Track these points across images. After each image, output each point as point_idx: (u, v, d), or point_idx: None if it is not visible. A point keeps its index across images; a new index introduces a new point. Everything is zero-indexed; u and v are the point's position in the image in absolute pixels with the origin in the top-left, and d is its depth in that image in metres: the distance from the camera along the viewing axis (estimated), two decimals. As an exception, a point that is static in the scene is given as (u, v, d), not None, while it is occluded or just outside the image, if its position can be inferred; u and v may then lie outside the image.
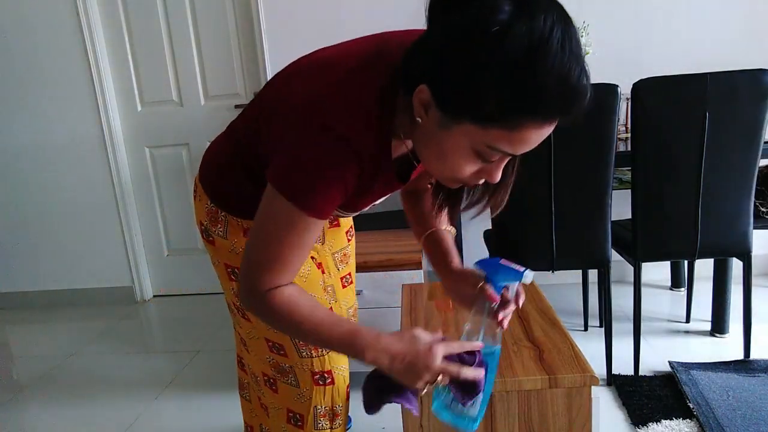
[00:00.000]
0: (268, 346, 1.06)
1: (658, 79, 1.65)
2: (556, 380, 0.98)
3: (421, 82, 0.70)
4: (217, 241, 1.03)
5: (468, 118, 0.68)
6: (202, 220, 1.05)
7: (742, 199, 1.74)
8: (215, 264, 1.07)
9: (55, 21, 2.82)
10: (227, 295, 1.10)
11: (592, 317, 2.37)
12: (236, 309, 1.08)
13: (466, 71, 0.65)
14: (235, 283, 1.03)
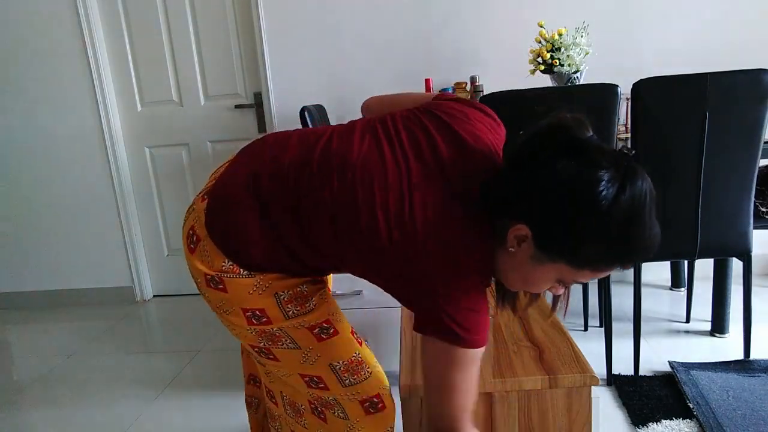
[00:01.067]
0: (305, 382, 1.01)
1: (658, 79, 1.65)
2: (556, 380, 0.98)
3: (519, 220, 0.78)
4: (233, 285, 0.95)
5: (564, 261, 0.78)
6: (207, 271, 0.95)
7: (742, 199, 1.74)
8: (224, 312, 0.98)
9: (55, 21, 2.82)
10: (244, 340, 1.02)
11: (592, 317, 2.37)
12: (257, 352, 1.02)
13: (572, 226, 0.75)
14: (256, 326, 0.97)
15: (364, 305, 1.88)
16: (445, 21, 2.64)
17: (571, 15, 2.57)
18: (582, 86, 1.66)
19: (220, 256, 0.94)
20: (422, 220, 0.80)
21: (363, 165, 0.86)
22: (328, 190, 0.86)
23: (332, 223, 0.86)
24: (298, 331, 0.98)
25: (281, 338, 0.98)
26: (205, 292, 0.99)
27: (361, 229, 0.83)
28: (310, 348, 0.99)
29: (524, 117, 1.66)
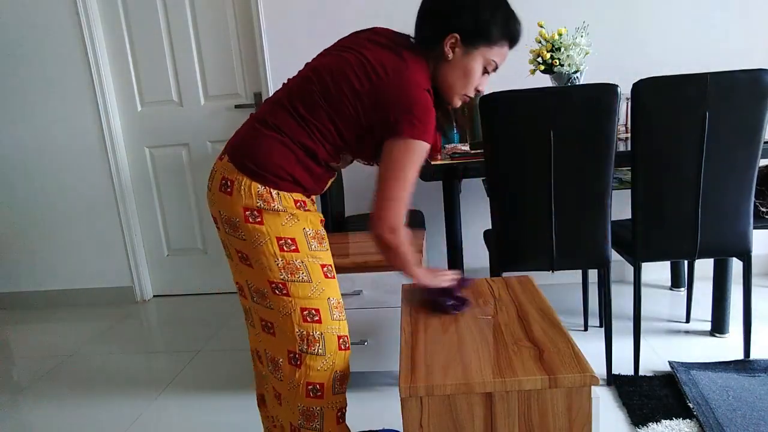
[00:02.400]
0: (302, 316, 1.20)
1: (658, 79, 1.66)
2: (556, 380, 0.98)
3: (447, 33, 1.18)
4: (270, 218, 1.18)
5: (482, 43, 1.20)
6: (247, 206, 1.17)
7: (742, 199, 1.74)
8: (258, 245, 1.18)
9: (55, 21, 2.82)
10: (269, 275, 1.19)
11: (592, 317, 2.37)
12: (271, 289, 1.20)
13: (483, 20, 1.18)
14: (286, 254, 1.18)
15: (364, 305, 1.88)
16: (445, 21, 2.64)
17: (571, 15, 2.57)
18: (582, 86, 1.66)
19: (255, 184, 1.17)
20: (388, 67, 1.16)
21: (330, 64, 1.21)
22: (314, 83, 1.20)
23: (325, 100, 1.18)
24: (314, 265, 1.22)
25: (299, 270, 1.19)
26: (242, 230, 1.18)
27: (345, 93, 1.16)
28: (318, 282, 1.22)
29: (524, 117, 1.66)
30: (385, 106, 1.14)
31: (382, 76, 1.14)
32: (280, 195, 1.19)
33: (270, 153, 1.19)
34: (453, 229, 2.14)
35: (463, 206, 2.83)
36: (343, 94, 1.16)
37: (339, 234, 2.26)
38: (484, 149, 1.75)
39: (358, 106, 1.16)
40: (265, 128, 1.21)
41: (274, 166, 1.18)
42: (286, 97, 1.22)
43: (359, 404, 1.89)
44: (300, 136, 1.19)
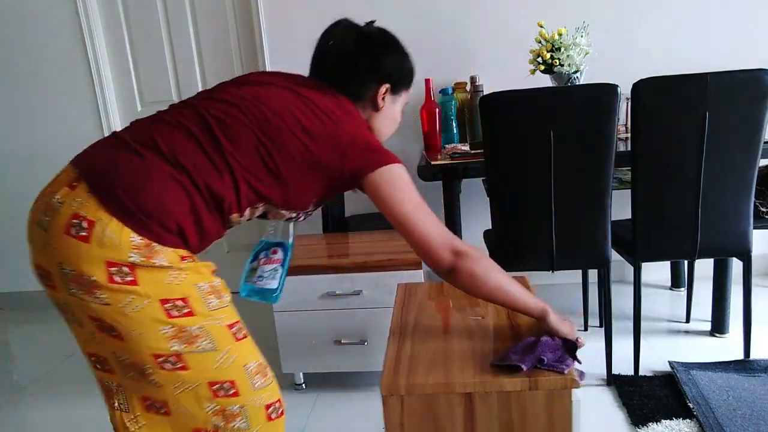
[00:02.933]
0: (212, 391, 0.95)
1: (658, 79, 1.65)
2: (536, 382, 0.98)
3: (380, 83, 1.16)
4: (148, 276, 0.90)
5: (404, 89, 1.22)
6: (113, 260, 0.88)
7: (742, 199, 1.74)
8: (131, 312, 0.89)
9: (55, 21, 2.82)
10: (152, 348, 0.91)
11: (592, 317, 2.37)
12: (158, 364, 0.92)
13: (407, 68, 1.24)
14: (178, 320, 0.92)
15: (364, 305, 1.88)
16: (445, 21, 2.64)
17: (571, 15, 2.57)
18: (582, 86, 1.66)
19: (128, 231, 0.88)
20: (335, 111, 1.06)
21: (261, 95, 1.04)
22: (242, 111, 1.00)
23: (261, 131, 0.99)
24: (218, 328, 0.96)
25: (200, 338, 0.93)
26: (103, 292, 0.88)
27: (291, 126, 1.00)
28: (227, 348, 0.96)
29: (524, 117, 1.66)
30: (337, 149, 1.02)
31: (334, 119, 1.03)
32: (161, 249, 0.91)
33: (161, 194, 0.91)
34: (453, 229, 2.14)
35: (463, 206, 2.82)
36: (289, 126, 0.99)
37: (339, 234, 2.26)
38: (484, 149, 1.75)
39: (306, 141, 1.00)
40: (155, 157, 0.92)
41: (163, 213, 0.91)
42: (194, 121, 0.97)
43: (359, 404, 1.89)
44: (206, 176, 0.94)
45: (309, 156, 1.00)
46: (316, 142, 1.00)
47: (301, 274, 1.88)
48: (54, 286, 0.92)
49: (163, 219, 0.91)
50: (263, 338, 2.62)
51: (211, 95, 1.03)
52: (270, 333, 2.54)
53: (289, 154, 0.99)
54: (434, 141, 2.31)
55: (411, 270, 1.82)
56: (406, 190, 1.04)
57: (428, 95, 2.27)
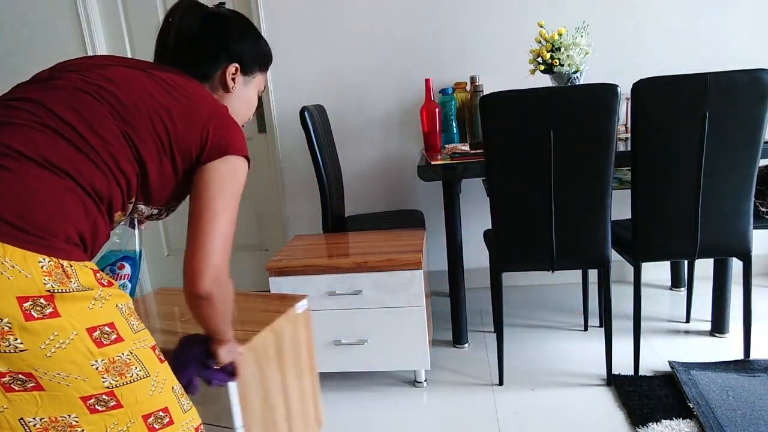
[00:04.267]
0: (147, 426, 0.86)
1: (658, 79, 1.66)
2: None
3: (227, 63, 1.09)
4: (69, 304, 0.79)
5: (259, 71, 1.18)
6: (26, 294, 0.75)
7: (742, 199, 1.74)
8: (55, 350, 0.77)
9: (54, 21, 2.82)
10: (83, 390, 0.79)
11: (592, 317, 2.37)
12: (88, 408, 0.81)
13: (256, 49, 1.17)
14: (108, 348, 0.81)
15: (364, 305, 1.88)
16: (445, 21, 2.64)
17: (571, 15, 2.57)
18: (582, 86, 1.66)
19: (35, 256, 0.76)
20: (188, 87, 0.99)
21: (114, 76, 0.93)
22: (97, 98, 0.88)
23: (122, 120, 0.89)
24: (144, 351, 0.87)
25: (131, 366, 0.84)
26: (15, 338, 0.75)
27: (149, 107, 0.92)
28: (157, 371, 0.88)
29: (524, 117, 1.66)
30: (198, 123, 0.94)
31: (188, 94, 0.96)
32: (74, 267, 0.80)
33: (57, 206, 0.79)
34: (453, 229, 2.14)
35: (463, 206, 2.83)
36: (147, 108, 0.90)
37: (339, 234, 2.26)
38: (484, 149, 1.75)
39: (168, 123, 0.91)
40: (27, 165, 0.79)
41: (64, 226, 0.80)
42: (48, 117, 0.83)
43: (359, 404, 1.89)
44: (89, 175, 0.83)
45: (170, 139, 0.92)
46: (173, 119, 0.92)
47: (301, 274, 1.88)
48: None
49: (67, 232, 0.80)
50: (263, 338, 2.61)
51: (49, 85, 0.88)
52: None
53: (151, 140, 0.90)
54: (434, 141, 2.31)
55: (411, 270, 1.83)
56: (238, 194, 0.97)
57: (428, 95, 2.27)
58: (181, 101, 0.94)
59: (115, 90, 0.89)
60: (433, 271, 2.91)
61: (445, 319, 2.48)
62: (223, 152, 0.96)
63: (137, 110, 0.89)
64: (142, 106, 0.89)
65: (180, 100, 0.94)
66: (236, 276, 3.13)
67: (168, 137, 0.92)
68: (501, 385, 1.92)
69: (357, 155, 2.82)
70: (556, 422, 1.69)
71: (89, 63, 0.94)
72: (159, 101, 0.91)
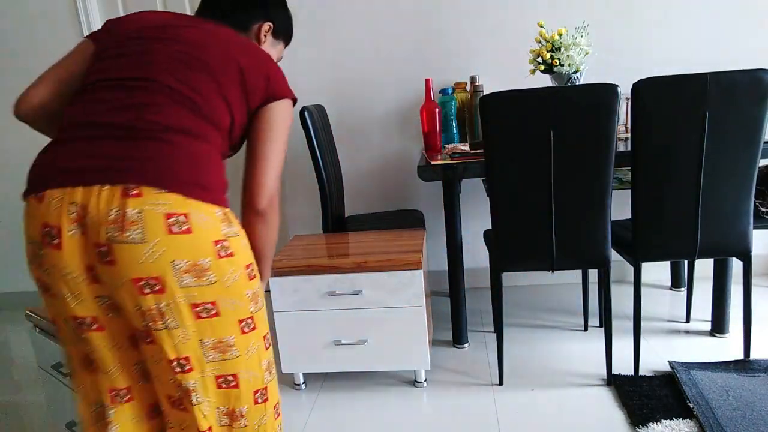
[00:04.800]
0: (264, 346, 1.09)
1: (658, 79, 1.66)
2: None
3: (262, 20, 1.24)
4: (237, 244, 1.01)
5: (283, 38, 1.32)
6: (217, 238, 0.97)
7: (742, 199, 1.74)
8: (231, 282, 0.99)
9: (54, 21, 2.82)
10: (240, 314, 1.02)
11: (592, 317, 2.37)
12: (241, 329, 1.02)
13: (289, 17, 1.32)
14: (253, 282, 1.05)
15: (364, 305, 1.88)
16: (446, 21, 2.64)
17: (571, 15, 2.57)
18: (582, 86, 1.66)
19: (213, 207, 0.98)
20: (244, 40, 1.13)
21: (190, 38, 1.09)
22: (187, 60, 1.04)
23: (211, 76, 1.05)
24: (261, 288, 1.11)
25: (258, 297, 1.07)
26: (213, 271, 0.96)
27: (228, 61, 1.06)
28: (263, 306, 1.10)
29: (524, 117, 1.67)
30: (262, 72, 1.09)
31: (250, 47, 1.10)
32: (230, 215, 1.03)
33: (214, 166, 1.01)
34: (453, 229, 2.14)
35: (463, 206, 2.83)
36: (227, 65, 1.05)
37: (339, 234, 2.26)
38: (484, 149, 1.75)
39: (244, 74, 1.06)
40: (182, 137, 0.98)
41: (218, 180, 1.01)
42: (172, 91, 1.00)
43: (359, 404, 1.89)
44: (215, 138, 1.04)
45: (246, 88, 1.07)
46: (249, 72, 1.07)
47: (301, 274, 1.88)
48: (162, 290, 0.93)
49: (221, 185, 1.01)
50: (263, 338, 2.61)
51: (145, 61, 1.03)
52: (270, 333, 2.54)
53: (235, 90, 1.05)
54: (434, 141, 2.31)
55: (411, 270, 1.83)
56: (287, 133, 1.13)
57: (428, 95, 2.28)
58: (248, 54, 1.08)
59: (201, 55, 1.03)
60: (433, 271, 2.91)
61: (445, 319, 2.48)
62: (281, 96, 1.11)
63: (222, 69, 1.04)
64: (224, 65, 1.04)
65: (247, 53, 1.08)
66: (236, 276, 3.13)
67: (245, 86, 1.06)
68: (501, 385, 1.93)
69: (357, 155, 2.82)
70: (556, 422, 1.69)
71: (160, 26, 1.08)
72: (233, 57, 1.06)
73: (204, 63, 1.03)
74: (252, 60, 1.08)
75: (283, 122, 1.11)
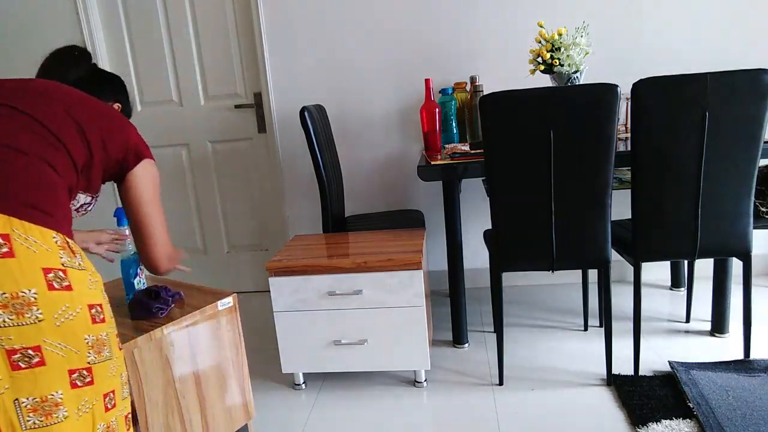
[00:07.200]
0: (104, 405, 0.92)
1: (658, 79, 1.66)
2: None
3: (114, 100, 1.39)
4: (77, 278, 0.87)
5: None
6: (48, 266, 0.83)
7: (742, 199, 1.74)
8: (63, 321, 0.84)
9: (54, 21, 2.82)
10: (72, 363, 0.85)
11: (592, 317, 2.37)
12: (71, 382, 0.86)
13: (128, 104, 1.44)
14: (97, 326, 0.89)
15: (364, 305, 1.88)
16: (445, 21, 2.64)
17: (571, 15, 2.57)
18: (582, 86, 1.66)
19: (49, 231, 0.85)
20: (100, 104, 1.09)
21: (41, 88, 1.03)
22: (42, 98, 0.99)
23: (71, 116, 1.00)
24: (113, 336, 0.95)
25: (104, 346, 0.91)
26: (39, 305, 0.81)
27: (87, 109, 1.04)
28: (116, 356, 0.95)
29: (524, 117, 1.66)
30: (125, 130, 1.08)
31: (113, 112, 1.09)
32: (73, 245, 0.89)
33: (49, 184, 0.87)
34: (453, 229, 2.14)
35: (463, 206, 2.83)
36: (88, 111, 1.02)
37: (339, 234, 2.26)
38: (484, 149, 1.75)
39: (103, 125, 1.04)
40: (22, 157, 0.87)
41: (60, 203, 0.88)
42: (21, 115, 0.91)
43: (359, 404, 1.89)
44: (59, 165, 0.92)
45: (106, 137, 1.04)
46: (109, 126, 1.05)
47: (301, 274, 1.88)
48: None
49: (63, 209, 0.89)
50: (263, 338, 2.64)
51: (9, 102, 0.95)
52: (270, 333, 2.54)
53: (93, 135, 1.01)
54: (434, 141, 2.31)
55: (411, 270, 1.83)
56: (158, 191, 1.14)
57: (428, 95, 2.28)
58: (108, 112, 1.08)
59: (56, 96, 1.00)
60: (433, 271, 2.91)
61: (445, 319, 2.48)
62: (142, 157, 1.11)
63: (81, 109, 1.02)
64: (83, 107, 1.03)
65: (107, 112, 1.08)
66: (236, 276, 3.14)
67: (105, 136, 1.04)
68: (501, 385, 1.93)
69: (357, 155, 2.82)
70: (556, 422, 1.69)
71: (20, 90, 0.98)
72: (99, 111, 1.06)
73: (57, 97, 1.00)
74: (111, 116, 1.10)
75: (154, 186, 1.14)
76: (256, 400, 1.97)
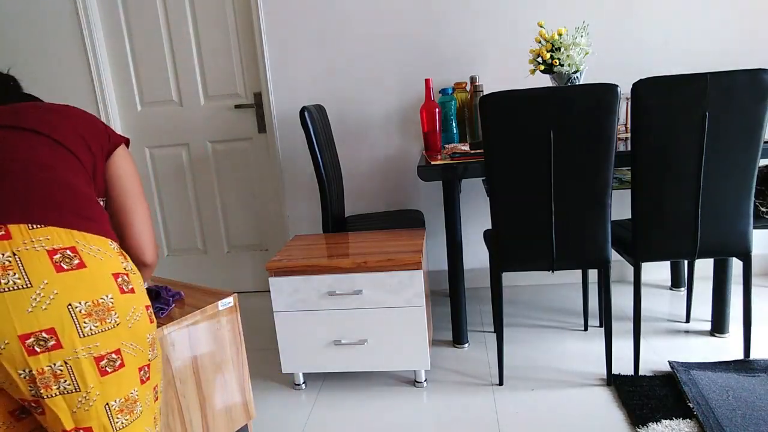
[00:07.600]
0: (155, 395, 1.00)
1: (658, 79, 1.66)
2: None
3: None
4: (135, 280, 0.93)
5: None
6: (116, 271, 0.88)
7: (742, 199, 1.74)
8: (133, 323, 0.89)
9: (55, 22, 2.82)
10: (141, 361, 0.91)
11: (592, 317, 2.37)
12: (140, 379, 0.92)
13: None
14: (154, 324, 0.97)
15: (364, 305, 1.88)
16: (445, 21, 2.64)
17: (571, 15, 2.57)
18: (582, 86, 1.66)
19: (107, 240, 0.89)
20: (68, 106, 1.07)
21: None
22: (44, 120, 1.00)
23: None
24: (157, 338, 1.05)
25: (156, 343, 0.98)
26: (115, 310, 0.86)
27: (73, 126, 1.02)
28: (160, 353, 1.02)
29: (524, 117, 1.67)
30: (101, 129, 1.05)
31: (85, 113, 1.09)
32: (122, 251, 0.96)
33: (85, 195, 0.91)
34: (453, 229, 2.14)
35: (463, 206, 2.83)
36: (72, 121, 1.02)
37: (339, 234, 2.26)
38: (484, 149, 1.75)
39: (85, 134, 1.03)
40: (51, 172, 0.90)
41: (99, 209, 0.93)
42: (39, 136, 0.94)
43: (359, 404, 1.89)
44: (80, 176, 0.96)
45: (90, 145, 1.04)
46: (89, 133, 1.03)
47: (301, 274, 1.88)
48: (58, 345, 0.78)
49: (106, 218, 0.93)
50: (263, 338, 2.63)
51: None
52: (270, 333, 2.54)
53: (94, 143, 1.03)
54: (434, 141, 2.31)
55: (411, 270, 1.83)
56: (137, 174, 1.09)
57: (428, 95, 2.28)
58: (80, 115, 1.06)
59: (48, 116, 1.00)
60: (433, 271, 2.91)
61: (445, 319, 2.48)
62: (119, 143, 1.08)
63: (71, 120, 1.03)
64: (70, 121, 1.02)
65: (78, 114, 1.05)
66: (237, 276, 3.14)
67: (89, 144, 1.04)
68: (501, 385, 1.93)
69: (357, 155, 2.82)
70: (556, 422, 1.69)
71: None
72: (85, 119, 1.05)
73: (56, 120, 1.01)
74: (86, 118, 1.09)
75: (135, 172, 1.09)
76: (256, 400, 1.97)
